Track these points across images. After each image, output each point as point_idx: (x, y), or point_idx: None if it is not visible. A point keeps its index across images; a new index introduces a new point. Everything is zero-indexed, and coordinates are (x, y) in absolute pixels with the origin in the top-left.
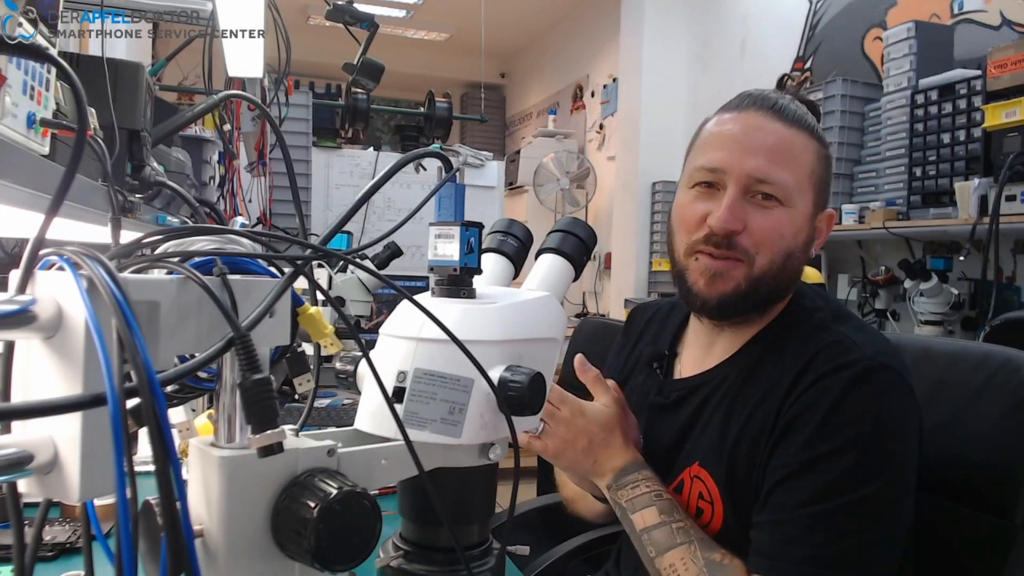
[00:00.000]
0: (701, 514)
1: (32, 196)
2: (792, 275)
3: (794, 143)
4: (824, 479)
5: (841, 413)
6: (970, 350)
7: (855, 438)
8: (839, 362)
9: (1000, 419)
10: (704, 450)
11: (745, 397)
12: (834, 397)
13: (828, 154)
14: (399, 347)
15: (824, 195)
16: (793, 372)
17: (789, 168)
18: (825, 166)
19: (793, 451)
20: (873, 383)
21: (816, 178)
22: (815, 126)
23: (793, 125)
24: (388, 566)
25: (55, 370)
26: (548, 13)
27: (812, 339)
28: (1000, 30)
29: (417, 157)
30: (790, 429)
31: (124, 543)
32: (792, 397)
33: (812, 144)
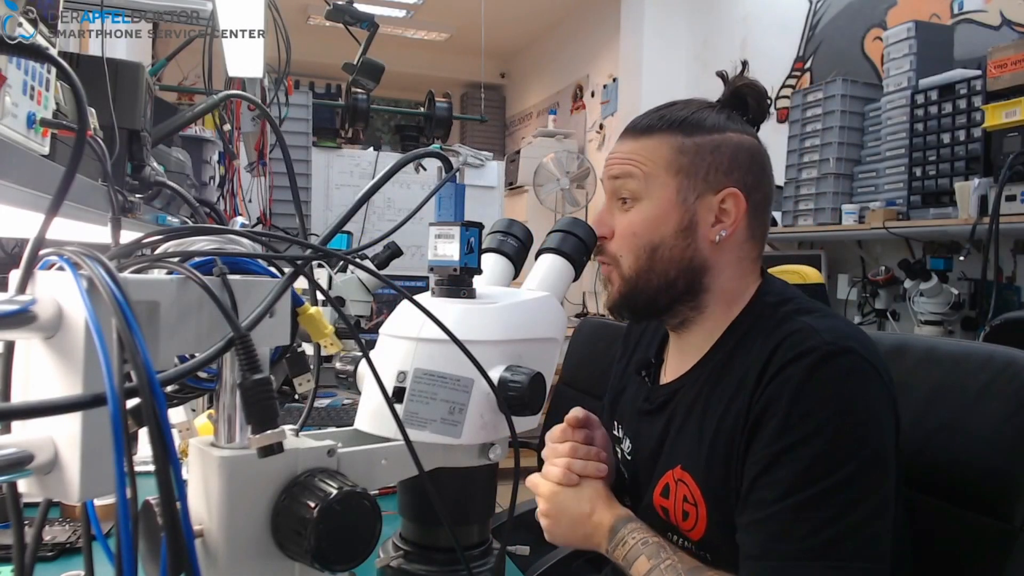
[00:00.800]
0: (687, 516)
1: (32, 196)
2: (676, 264)
3: (643, 148)
4: (796, 469)
5: (804, 401)
6: (974, 351)
7: (821, 424)
8: (799, 350)
9: (1002, 421)
10: (684, 452)
11: (718, 395)
12: (795, 386)
13: (699, 142)
14: (399, 347)
15: (701, 178)
16: (759, 366)
17: (637, 167)
18: (694, 152)
19: (763, 447)
20: (833, 367)
21: (677, 166)
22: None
23: (643, 135)
24: (388, 566)
25: (55, 370)
26: (548, 13)
27: (776, 331)
28: (1000, 30)
29: (417, 157)
30: (759, 425)
31: (124, 543)
32: (759, 392)
33: (667, 140)
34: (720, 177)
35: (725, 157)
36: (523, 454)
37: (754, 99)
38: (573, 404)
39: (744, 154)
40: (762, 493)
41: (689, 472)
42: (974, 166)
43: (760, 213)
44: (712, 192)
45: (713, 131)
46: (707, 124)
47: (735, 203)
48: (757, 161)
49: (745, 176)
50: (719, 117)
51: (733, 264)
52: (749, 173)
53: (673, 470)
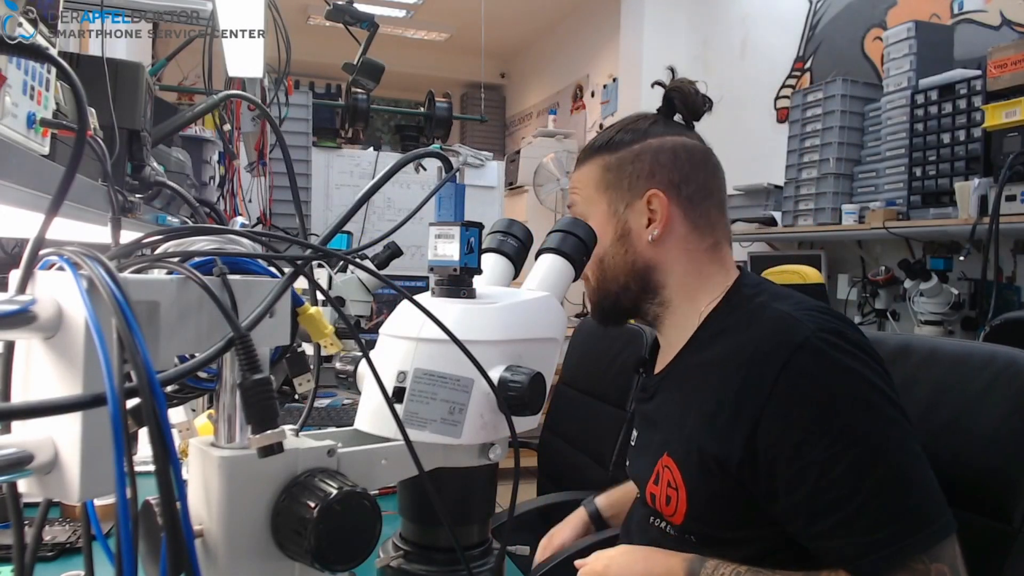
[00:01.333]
0: (670, 501)
1: (32, 196)
2: (623, 270)
3: (580, 175)
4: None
5: (825, 392)
6: (976, 351)
7: (852, 408)
8: (792, 346)
9: (1002, 421)
10: (671, 441)
11: (698, 383)
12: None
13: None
14: (399, 347)
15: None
16: (743, 359)
17: (578, 194)
18: (618, 167)
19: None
20: (834, 352)
21: (604, 185)
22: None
23: (581, 162)
24: (388, 566)
25: (55, 370)
26: (548, 13)
27: (754, 321)
28: (1000, 30)
29: (417, 157)
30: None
31: (124, 543)
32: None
33: (597, 162)
34: (642, 182)
35: (645, 163)
36: (523, 454)
37: (680, 100)
38: (573, 404)
39: (665, 155)
40: (833, 493)
41: (673, 459)
42: (974, 166)
43: (697, 203)
44: (637, 198)
45: (633, 142)
46: (627, 138)
47: (659, 202)
48: (682, 157)
49: (669, 174)
50: (642, 127)
51: (682, 257)
52: (673, 171)
53: (663, 458)
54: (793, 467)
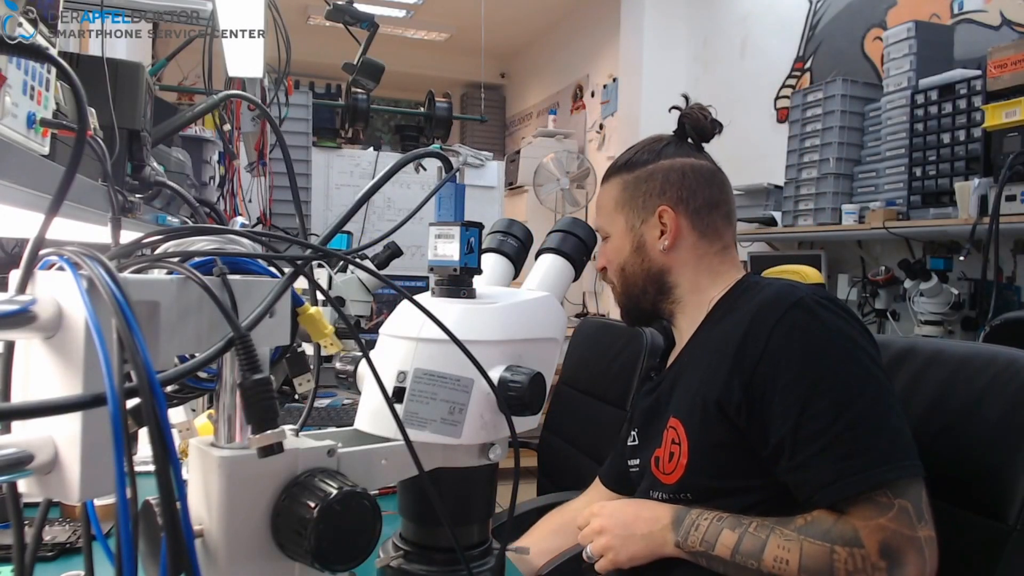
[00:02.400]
0: (672, 458)
1: (32, 196)
2: (641, 276)
3: (603, 192)
4: (834, 396)
5: (816, 340)
6: (979, 352)
7: (839, 355)
8: (790, 302)
9: (999, 420)
10: (677, 404)
11: (708, 352)
12: (803, 331)
13: (637, 175)
14: (399, 347)
15: (640, 206)
16: (746, 320)
17: (602, 213)
18: (634, 186)
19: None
20: (827, 309)
21: (622, 202)
22: (623, 165)
23: (605, 181)
24: (388, 566)
25: (55, 370)
26: (548, 13)
27: (758, 293)
28: (1000, 30)
29: (417, 157)
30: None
31: (124, 543)
32: (758, 342)
33: (616, 182)
34: (654, 199)
35: (657, 182)
36: (523, 454)
37: (691, 126)
38: (573, 404)
39: (675, 174)
40: (811, 427)
41: (679, 418)
42: (974, 166)
43: (704, 215)
44: (651, 214)
45: (647, 163)
46: (643, 159)
47: (668, 216)
48: (689, 176)
49: (679, 192)
50: (657, 149)
51: (692, 261)
52: (681, 188)
53: (668, 421)
54: (780, 405)
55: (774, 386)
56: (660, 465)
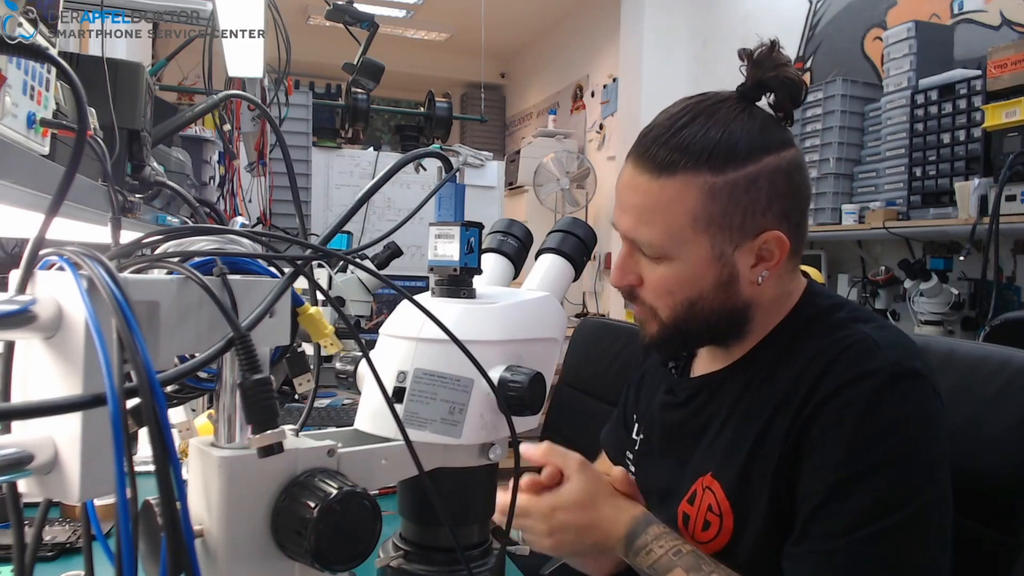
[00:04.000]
0: (709, 526)
1: (32, 196)
2: (718, 312)
3: (660, 197)
4: (866, 501)
5: (871, 427)
6: (993, 354)
7: (892, 453)
8: (864, 368)
9: (1013, 428)
10: (718, 459)
11: (761, 403)
12: (862, 409)
13: (732, 179)
14: (399, 347)
15: (737, 227)
16: (812, 376)
17: (657, 225)
18: (728, 195)
19: (826, 473)
20: (901, 392)
21: (706, 218)
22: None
23: (663, 173)
24: (388, 566)
25: (55, 370)
26: (548, 13)
27: (831, 340)
28: (1000, 30)
29: (417, 157)
30: (817, 446)
31: (124, 543)
32: (811, 406)
33: (693, 182)
34: (758, 218)
35: (763, 193)
36: None
37: (786, 92)
38: (573, 404)
39: (781, 178)
40: (828, 525)
41: (719, 481)
42: (974, 166)
43: (801, 227)
44: (750, 238)
45: (748, 161)
46: (740, 150)
47: (778, 244)
48: (795, 180)
49: (784, 204)
50: (752, 132)
51: (775, 286)
52: (787, 199)
53: (704, 477)
54: (809, 485)
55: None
56: (690, 527)
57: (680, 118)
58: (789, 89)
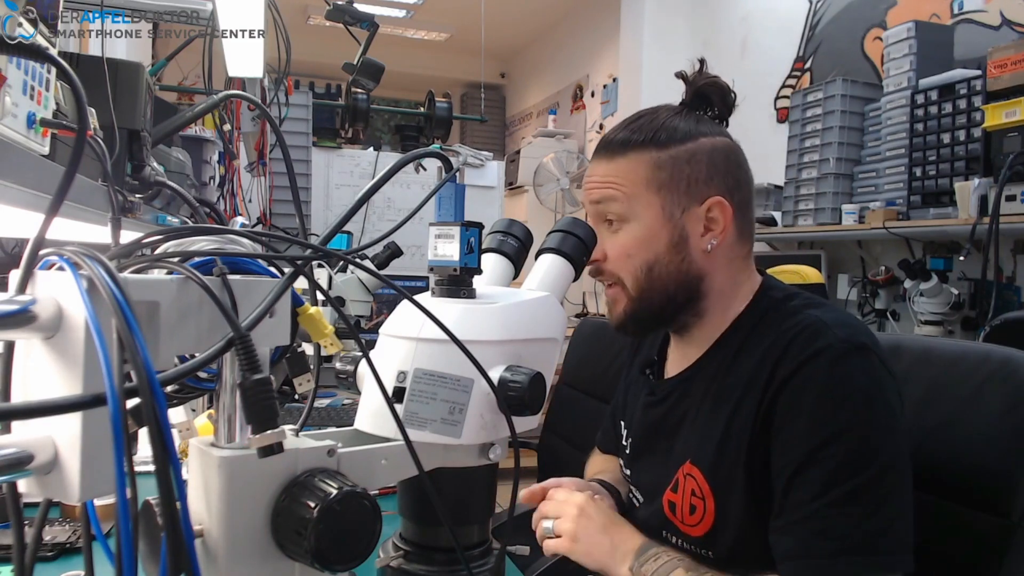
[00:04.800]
0: (694, 511)
1: (32, 196)
2: (674, 278)
3: (619, 169)
4: (830, 467)
5: (831, 398)
6: (971, 350)
7: (850, 420)
8: (816, 347)
9: (998, 418)
10: (693, 447)
11: (728, 389)
12: (820, 384)
13: (674, 153)
14: (399, 347)
15: (683, 191)
16: (771, 360)
17: (617, 190)
18: (672, 165)
19: (794, 445)
20: (852, 364)
21: (657, 182)
22: (650, 138)
23: (617, 155)
24: (388, 566)
25: (55, 370)
26: (548, 13)
27: (787, 326)
28: (1000, 30)
29: (417, 157)
30: (784, 423)
31: (124, 543)
32: (774, 387)
33: (642, 157)
34: (701, 187)
35: (702, 164)
36: (523, 454)
37: (718, 96)
38: (573, 404)
39: (720, 157)
40: (798, 494)
41: (698, 466)
42: (974, 166)
43: (745, 211)
44: (697, 203)
45: (686, 139)
46: (679, 133)
47: (721, 210)
48: (733, 160)
49: (725, 179)
50: (688, 122)
51: (725, 266)
52: (728, 175)
53: (684, 465)
54: (779, 462)
55: (777, 440)
56: (678, 514)
57: (630, 118)
58: (720, 93)
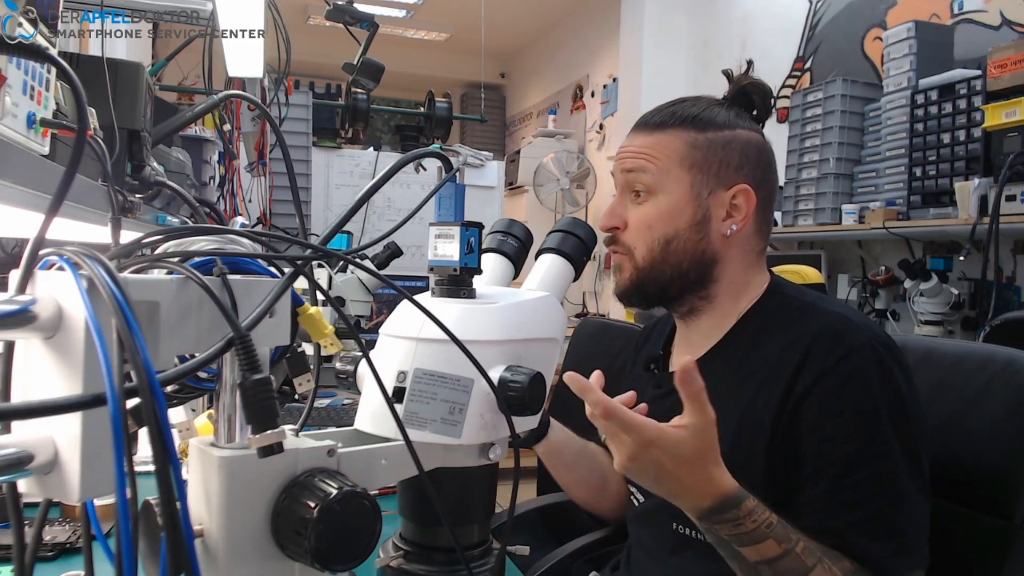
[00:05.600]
0: None
1: (32, 196)
2: (690, 255)
3: (656, 143)
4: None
5: (873, 395)
6: (974, 351)
7: (893, 415)
8: (850, 344)
9: (1001, 420)
10: None
11: (743, 379)
12: (860, 384)
13: (711, 137)
14: (399, 347)
15: (714, 174)
16: (799, 351)
17: (651, 162)
18: (707, 148)
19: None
20: (888, 361)
21: (690, 161)
22: (691, 119)
23: (656, 130)
24: (388, 566)
25: (55, 370)
26: (548, 13)
27: (810, 318)
28: (1000, 30)
29: (417, 157)
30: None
31: (124, 543)
32: (805, 382)
33: (680, 135)
34: (731, 173)
35: (736, 153)
36: (523, 454)
37: (760, 97)
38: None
39: (753, 150)
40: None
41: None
42: (974, 166)
43: (767, 208)
44: (724, 188)
45: (724, 127)
46: (718, 120)
47: (746, 199)
48: (764, 158)
49: (754, 172)
50: (728, 114)
51: (740, 257)
52: (758, 168)
53: None
54: (819, 460)
55: (814, 434)
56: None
57: (673, 101)
58: (763, 94)
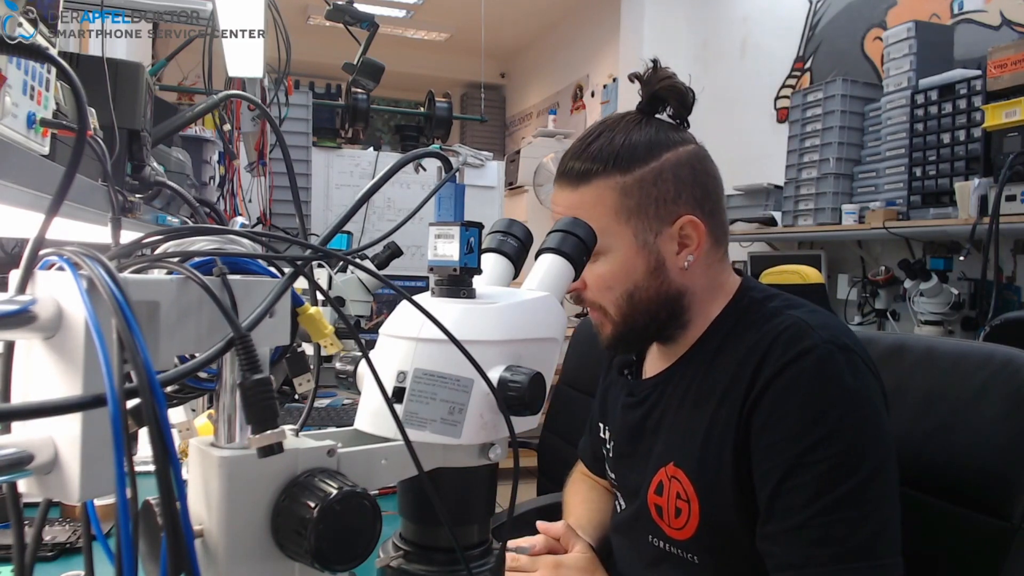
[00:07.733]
0: (680, 514)
1: (32, 196)
2: (656, 300)
3: (582, 202)
4: (822, 470)
5: (818, 399)
6: (973, 350)
7: (839, 422)
8: (800, 348)
9: (1000, 419)
10: (676, 448)
11: (708, 390)
12: (806, 386)
13: (640, 176)
14: (399, 347)
15: (653, 215)
16: (754, 360)
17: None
18: (639, 190)
19: (783, 448)
20: (839, 364)
21: (626, 211)
22: (614, 159)
23: (581, 183)
24: (388, 566)
25: (55, 370)
26: (548, 13)
27: (768, 326)
28: (1000, 30)
29: (417, 157)
30: (769, 425)
31: (124, 543)
32: (757, 387)
33: (607, 184)
34: (670, 207)
35: (669, 184)
36: (523, 454)
37: (675, 98)
38: (573, 404)
39: (685, 171)
40: (790, 499)
41: (682, 468)
42: (974, 166)
43: (717, 217)
44: (668, 224)
45: (648, 158)
46: (639, 151)
47: (694, 228)
48: (698, 170)
49: (693, 192)
50: (649, 132)
51: (703, 274)
52: (696, 187)
53: (666, 467)
54: (765, 463)
55: (761, 441)
56: (665, 517)
57: (589, 136)
58: (677, 95)
